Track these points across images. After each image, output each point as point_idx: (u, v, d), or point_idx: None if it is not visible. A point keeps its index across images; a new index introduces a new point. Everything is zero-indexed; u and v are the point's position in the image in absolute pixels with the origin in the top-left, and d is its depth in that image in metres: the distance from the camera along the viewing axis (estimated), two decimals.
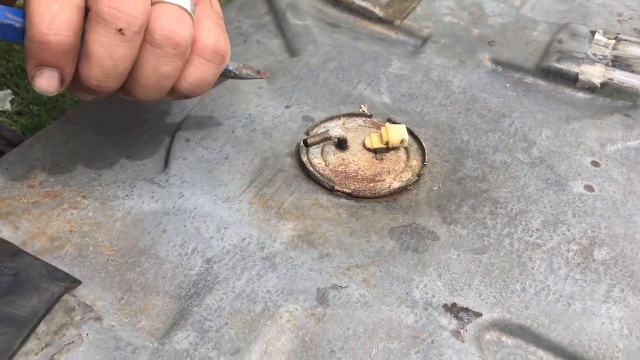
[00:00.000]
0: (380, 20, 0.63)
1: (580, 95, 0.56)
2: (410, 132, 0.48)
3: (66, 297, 0.36)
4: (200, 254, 0.39)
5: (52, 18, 0.33)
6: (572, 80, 0.56)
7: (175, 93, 0.40)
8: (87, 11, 0.35)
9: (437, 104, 0.53)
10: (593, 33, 0.61)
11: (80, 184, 0.44)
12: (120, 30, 0.34)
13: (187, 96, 0.40)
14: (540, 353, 0.36)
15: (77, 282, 0.37)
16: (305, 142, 0.45)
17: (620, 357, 0.35)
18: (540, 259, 0.40)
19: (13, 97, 1.01)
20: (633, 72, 0.57)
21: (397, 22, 0.63)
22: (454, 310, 0.37)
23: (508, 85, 0.56)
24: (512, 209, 0.43)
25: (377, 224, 0.42)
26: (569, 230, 0.42)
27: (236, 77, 0.45)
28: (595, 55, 0.58)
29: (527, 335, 0.36)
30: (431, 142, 0.49)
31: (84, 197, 0.42)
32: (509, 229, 0.42)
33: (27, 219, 0.40)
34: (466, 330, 0.36)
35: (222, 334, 0.35)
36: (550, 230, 0.42)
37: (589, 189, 0.46)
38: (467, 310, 0.37)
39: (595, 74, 0.56)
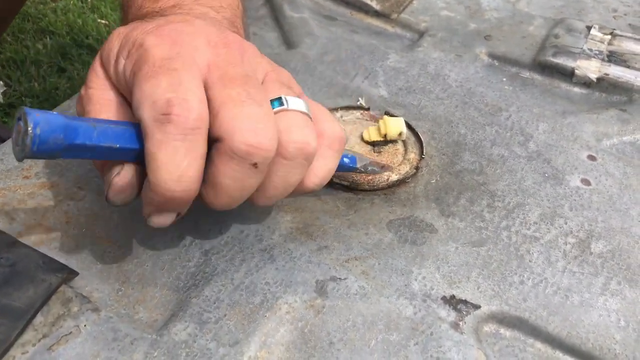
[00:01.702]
0: (376, 14, 0.63)
1: (576, 89, 0.56)
2: (408, 125, 0.48)
3: (63, 288, 0.35)
4: (198, 246, 0.39)
5: (181, 175, 0.30)
6: (568, 74, 0.56)
7: (297, 192, 0.37)
8: (210, 140, 0.32)
9: (434, 97, 0.53)
10: (589, 28, 0.61)
11: (77, 174, 0.43)
12: (255, 164, 0.32)
13: (310, 191, 0.37)
14: (538, 345, 0.36)
15: (74, 273, 0.37)
16: None
17: (617, 348, 0.35)
18: (538, 251, 0.40)
19: (4, 89, 1.00)
20: (628, 67, 0.57)
21: (394, 16, 0.63)
22: (452, 302, 0.37)
23: (504, 79, 0.56)
24: (509, 201, 0.44)
25: (375, 216, 0.42)
26: (566, 223, 0.42)
27: (361, 172, 0.43)
28: (590, 50, 0.59)
29: (525, 327, 0.36)
30: (428, 135, 0.49)
31: (80, 188, 0.42)
32: (507, 221, 0.42)
33: (23, 210, 0.40)
34: (464, 322, 0.36)
35: (221, 325, 0.35)
36: (547, 223, 0.42)
37: (586, 182, 0.46)
38: (465, 302, 0.37)
39: (591, 68, 0.56)
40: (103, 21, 1.14)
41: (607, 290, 0.38)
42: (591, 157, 0.48)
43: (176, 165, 0.30)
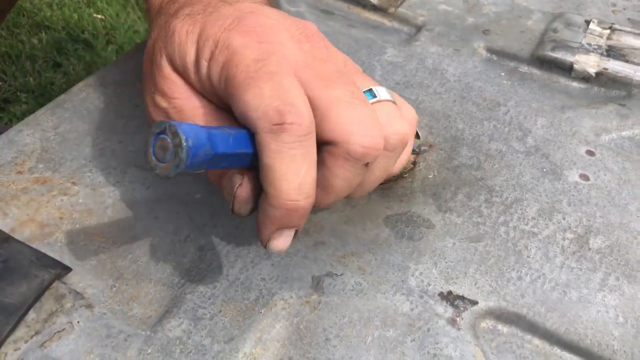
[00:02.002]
0: (374, 8, 0.63)
1: (575, 84, 0.55)
2: None
3: (56, 284, 0.35)
4: (193, 241, 0.38)
5: (302, 182, 0.30)
6: (566, 69, 0.56)
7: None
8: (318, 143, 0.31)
9: (431, 92, 0.52)
10: (587, 22, 0.61)
11: (70, 170, 0.43)
12: (367, 163, 0.32)
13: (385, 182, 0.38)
14: (536, 341, 0.36)
15: (67, 269, 0.36)
16: None
17: (615, 344, 0.35)
18: (536, 247, 0.40)
19: (0, 84, 1.00)
20: (627, 61, 0.57)
21: (391, 10, 0.62)
22: (449, 298, 0.36)
23: (502, 74, 0.56)
24: (507, 197, 0.43)
25: (371, 211, 0.41)
26: (564, 219, 0.42)
27: (416, 153, 0.45)
28: (589, 44, 0.58)
29: (523, 323, 0.36)
30: (426, 130, 0.48)
31: (73, 184, 0.42)
32: (504, 217, 0.42)
33: (16, 205, 0.40)
34: (462, 318, 0.35)
35: (216, 322, 0.34)
36: (545, 218, 0.42)
37: (584, 177, 0.45)
38: (462, 298, 0.36)
39: (589, 63, 0.56)
40: (99, 16, 1.14)
41: (606, 286, 0.38)
42: (590, 152, 0.48)
43: (295, 174, 0.30)
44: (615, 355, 0.35)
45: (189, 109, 0.34)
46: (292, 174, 0.29)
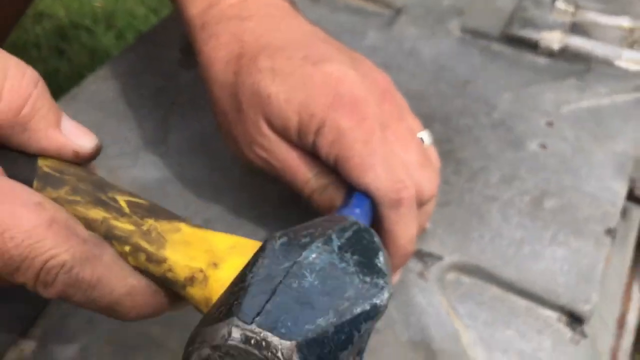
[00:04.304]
0: None
1: (541, 60, 0.61)
2: None
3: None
4: (200, 215, 0.45)
5: (412, 236, 0.38)
6: (533, 46, 0.61)
7: None
8: None
9: (408, 73, 0.58)
10: (554, 1, 0.66)
11: None
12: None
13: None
14: (494, 289, 0.42)
15: None
16: None
17: (560, 290, 0.42)
18: (496, 209, 0.46)
19: None
20: (589, 37, 0.62)
21: None
22: (419, 255, 0.43)
23: (475, 52, 0.61)
24: (473, 166, 0.49)
25: None
26: (522, 184, 0.48)
27: None
28: (555, 21, 0.63)
29: (483, 275, 0.42)
30: None
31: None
32: (470, 184, 0.48)
33: None
34: (429, 272, 0.42)
35: None
36: (506, 184, 0.48)
37: (543, 146, 0.51)
38: (430, 254, 0.43)
39: (554, 39, 0.61)
40: (98, 4, 1.18)
41: (555, 241, 0.44)
42: (549, 124, 0.53)
43: (409, 233, 0.37)
44: (559, 298, 0.41)
45: (289, 160, 0.39)
46: (407, 233, 0.37)
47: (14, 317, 0.39)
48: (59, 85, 1.06)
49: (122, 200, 0.30)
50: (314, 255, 0.25)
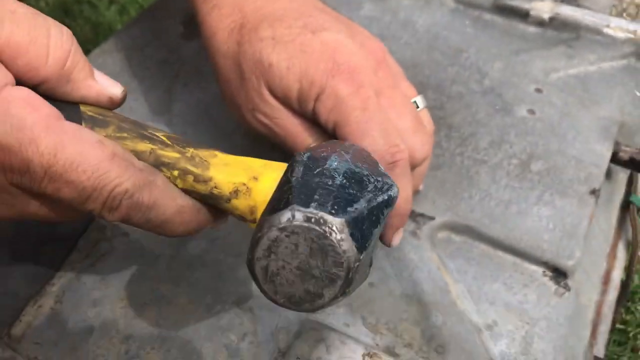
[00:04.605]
0: None
1: (531, 29, 0.63)
2: None
3: (98, 218, 0.44)
4: None
5: (408, 195, 0.39)
6: (523, 15, 0.63)
7: None
8: None
9: (402, 43, 0.60)
10: None
11: None
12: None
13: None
14: (482, 246, 0.45)
15: None
16: None
17: (544, 245, 0.44)
18: (485, 172, 0.48)
19: None
20: (579, 6, 0.64)
21: None
22: (412, 215, 0.45)
23: (467, 22, 0.63)
24: (464, 132, 0.51)
25: None
26: (510, 148, 0.50)
27: None
28: None
29: (472, 233, 0.45)
30: None
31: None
32: (461, 148, 0.50)
33: None
34: (421, 230, 0.44)
35: (228, 241, 0.43)
36: (495, 148, 0.50)
37: (531, 112, 0.53)
38: (422, 215, 0.45)
39: (544, 9, 0.63)
40: None
41: (541, 201, 0.47)
42: (538, 90, 0.56)
43: (406, 191, 0.39)
44: (544, 253, 0.44)
45: (289, 126, 0.41)
46: (404, 193, 0.38)
47: (31, 276, 0.42)
48: None
49: (162, 135, 0.34)
50: (335, 164, 0.30)
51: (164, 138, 0.34)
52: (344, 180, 0.29)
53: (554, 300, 0.43)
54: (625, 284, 0.59)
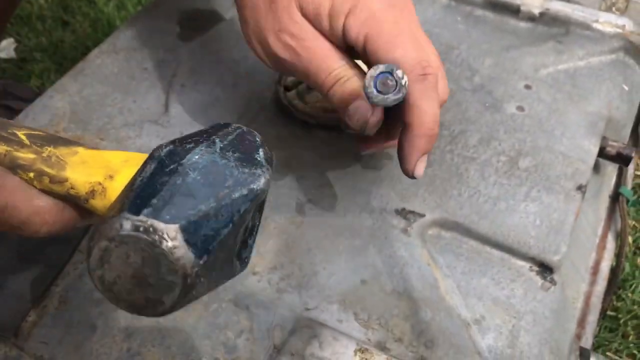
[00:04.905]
0: None
1: (522, 24, 0.64)
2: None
3: None
4: None
5: (435, 114, 0.39)
6: (514, 11, 0.64)
7: None
8: None
9: None
10: None
11: (97, 127, 0.53)
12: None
13: None
14: (471, 242, 0.46)
15: None
16: (284, 87, 0.54)
17: (531, 242, 0.46)
18: (474, 169, 0.50)
19: (16, 45, 1.08)
20: (569, 1, 0.65)
21: None
22: (402, 213, 0.47)
23: (459, 19, 0.64)
24: (454, 129, 0.53)
25: (343, 149, 0.51)
26: (499, 145, 0.52)
27: None
28: None
29: (461, 229, 0.46)
30: None
31: (101, 139, 0.51)
32: (450, 146, 0.51)
33: None
34: (412, 228, 0.46)
35: None
36: (484, 145, 0.52)
37: (520, 109, 0.55)
38: (413, 212, 0.47)
39: (534, 4, 0.64)
40: None
41: (529, 197, 0.48)
42: (527, 87, 0.57)
43: (433, 108, 0.39)
44: (531, 249, 0.45)
45: (316, 48, 0.41)
46: (432, 109, 0.39)
47: (35, 278, 0.43)
48: (64, 56, 1.09)
49: (21, 134, 0.34)
50: (197, 157, 0.29)
51: (23, 137, 0.34)
52: (199, 177, 0.28)
53: (540, 295, 0.44)
54: (614, 273, 0.60)
